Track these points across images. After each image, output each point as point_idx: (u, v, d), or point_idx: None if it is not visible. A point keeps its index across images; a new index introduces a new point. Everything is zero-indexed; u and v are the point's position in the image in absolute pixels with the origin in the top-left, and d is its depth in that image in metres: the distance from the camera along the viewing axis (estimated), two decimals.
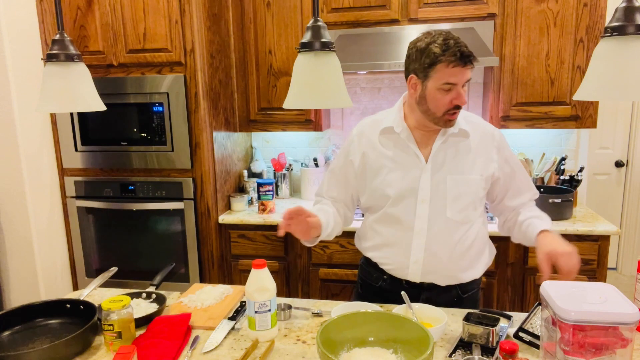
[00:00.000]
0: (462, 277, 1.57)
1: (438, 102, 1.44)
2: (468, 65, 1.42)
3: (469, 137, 1.53)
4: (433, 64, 1.41)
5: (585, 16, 2.42)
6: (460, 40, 1.42)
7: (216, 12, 2.64)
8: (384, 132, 1.57)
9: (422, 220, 1.52)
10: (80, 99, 1.40)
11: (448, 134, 1.52)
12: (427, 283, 1.56)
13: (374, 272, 1.65)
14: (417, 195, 1.52)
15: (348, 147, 1.65)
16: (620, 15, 1.04)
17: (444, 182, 1.51)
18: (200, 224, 2.63)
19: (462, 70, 1.41)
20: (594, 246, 2.35)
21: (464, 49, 1.40)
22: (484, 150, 1.54)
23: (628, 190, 4.13)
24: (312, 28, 1.17)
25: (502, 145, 1.57)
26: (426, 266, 1.54)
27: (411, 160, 1.53)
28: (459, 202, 1.51)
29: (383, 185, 1.55)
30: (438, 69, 1.41)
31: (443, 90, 1.42)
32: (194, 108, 2.51)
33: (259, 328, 1.33)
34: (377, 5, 2.59)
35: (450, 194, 1.51)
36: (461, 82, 1.43)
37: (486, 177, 1.53)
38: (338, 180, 1.68)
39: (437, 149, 1.52)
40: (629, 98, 1.03)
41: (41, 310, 1.46)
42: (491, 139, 1.56)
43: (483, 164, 1.53)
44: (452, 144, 1.53)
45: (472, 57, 1.42)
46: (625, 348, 1.05)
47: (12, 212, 2.57)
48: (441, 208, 1.51)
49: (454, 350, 1.27)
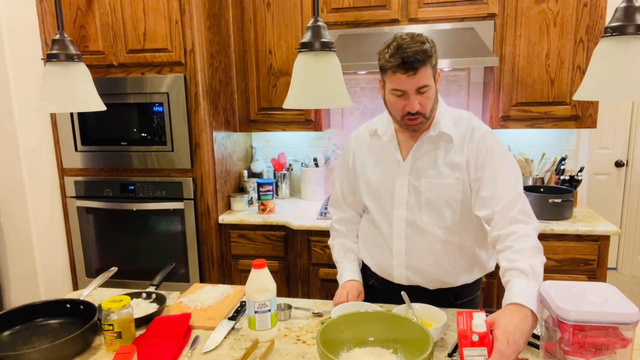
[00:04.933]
0: (450, 282, 1.55)
1: (393, 106, 1.42)
2: (410, 72, 1.32)
3: (451, 141, 1.47)
4: (383, 69, 1.40)
5: (585, 16, 2.42)
6: (414, 45, 1.31)
7: (216, 12, 2.64)
8: (372, 134, 1.59)
9: (400, 223, 1.52)
10: (80, 99, 1.40)
11: (426, 137, 1.48)
12: (415, 286, 1.56)
13: (367, 271, 1.68)
14: (393, 198, 1.52)
15: (346, 150, 1.68)
16: (620, 15, 1.04)
17: (419, 185, 1.49)
18: (200, 224, 2.63)
19: (405, 77, 1.34)
20: (594, 246, 2.35)
21: (408, 55, 1.30)
22: (460, 150, 1.47)
23: (628, 190, 4.13)
24: (312, 28, 1.17)
25: (485, 146, 1.44)
26: (410, 269, 1.54)
27: (391, 163, 1.54)
28: (434, 205, 1.48)
29: (364, 186, 1.59)
30: (387, 74, 1.38)
31: (395, 96, 1.39)
32: (194, 108, 2.51)
33: (259, 328, 1.33)
34: (377, 5, 2.59)
35: (424, 198, 1.48)
36: (410, 89, 1.35)
37: (463, 181, 1.46)
38: (346, 184, 1.69)
39: (414, 152, 1.50)
40: (629, 98, 1.03)
41: (41, 310, 1.46)
42: (469, 138, 1.46)
43: (459, 166, 1.46)
44: (430, 147, 1.49)
45: (416, 64, 1.31)
46: (625, 348, 1.05)
47: (12, 212, 2.57)
48: (417, 211, 1.50)
49: (454, 350, 1.27)
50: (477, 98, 2.89)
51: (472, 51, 2.37)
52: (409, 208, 1.51)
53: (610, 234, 2.32)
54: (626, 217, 4.17)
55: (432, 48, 1.35)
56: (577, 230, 2.33)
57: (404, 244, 1.52)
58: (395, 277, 1.57)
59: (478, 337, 1.07)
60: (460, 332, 1.09)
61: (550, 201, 2.43)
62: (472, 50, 2.38)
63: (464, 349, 1.08)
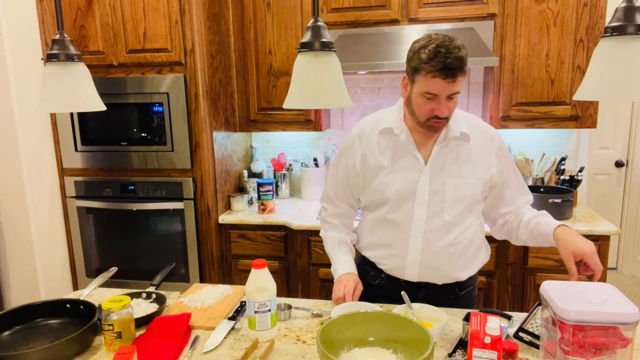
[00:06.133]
0: (458, 276, 1.57)
1: (420, 108, 1.42)
2: (449, 78, 1.33)
3: (469, 141, 1.51)
4: (417, 70, 1.38)
5: (585, 16, 2.42)
6: (455, 51, 1.32)
7: (216, 12, 2.64)
8: (383, 132, 1.56)
9: (419, 222, 1.51)
10: (80, 99, 1.40)
11: (449, 137, 1.50)
12: (424, 282, 1.57)
13: (372, 271, 1.66)
14: (415, 197, 1.51)
15: (348, 149, 1.64)
16: (620, 15, 1.04)
17: (443, 185, 1.50)
18: (200, 224, 2.63)
19: (443, 83, 1.34)
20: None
21: (450, 62, 1.31)
22: (484, 153, 1.52)
23: (628, 190, 4.13)
24: (312, 28, 1.17)
25: (502, 149, 1.55)
26: (423, 267, 1.54)
27: (410, 163, 1.52)
28: (458, 206, 1.50)
29: (381, 188, 1.55)
30: (421, 76, 1.38)
31: (425, 98, 1.39)
32: (194, 108, 2.51)
33: (259, 328, 1.33)
34: (377, 5, 2.59)
35: (449, 198, 1.50)
36: (443, 94, 1.37)
37: (485, 181, 1.52)
38: (343, 182, 1.67)
39: (437, 152, 1.51)
40: (629, 98, 1.03)
41: (41, 310, 1.46)
42: (491, 142, 1.54)
43: (483, 167, 1.52)
44: (453, 147, 1.51)
45: (456, 72, 1.32)
46: (625, 348, 1.05)
47: (12, 212, 2.57)
48: (439, 211, 1.51)
49: (454, 350, 1.27)
50: (477, 98, 2.89)
51: (472, 51, 2.37)
52: (430, 208, 1.51)
53: (610, 234, 2.32)
54: (626, 217, 4.17)
55: (467, 54, 1.36)
56: (577, 230, 2.32)
57: (421, 243, 1.52)
58: (407, 275, 1.56)
59: (490, 340, 1.07)
60: (473, 332, 1.09)
61: (550, 201, 2.43)
62: (472, 50, 2.38)
63: (474, 350, 1.08)
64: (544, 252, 2.39)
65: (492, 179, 1.53)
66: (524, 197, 1.62)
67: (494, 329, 1.08)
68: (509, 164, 1.57)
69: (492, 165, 1.52)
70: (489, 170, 1.52)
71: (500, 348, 1.08)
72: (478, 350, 1.08)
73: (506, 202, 1.60)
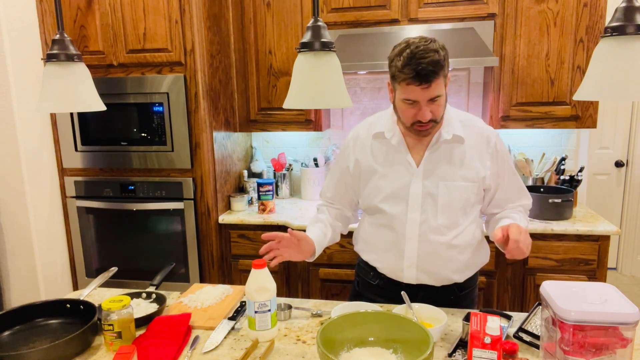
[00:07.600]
0: (456, 278, 1.57)
1: (403, 113, 1.43)
2: (424, 84, 1.32)
3: (463, 143, 1.50)
4: (394, 78, 1.39)
5: (585, 16, 2.42)
6: (430, 55, 1.29)
7: (216, 12, 2.64)
8: (376, 136, 1.56)
9: (414, 225, 1.51)
10: (80, 99, 1.40)
11: (441, 140, 1.50)
12: (423, 284, 1.57)
13: (371, 271, 1.66)
14: (408, 201, 1.51)
15: (344, 151, 1.65)
16: (620, 15, 1.04)
17: (436, 189, 1.49)
18: (200, 224, 2.63)
19: (418, 89, 1.33)
20: (594, 246, 2.35)
21: (422, 68, 1.29)
22: (478, 156, 1.51)
23: (628, 190, 4.13)
24: (312, 28, 1.17)
25: (498, 151, 1.53)
26: (420, 270, 1.54)
27: (402, 167, 1.52)
28: (451, 209, 1.50)
29: (374, 191, 1.56)
30: (397, 83, 1.38)
31: (406, 104, 1.39)
32: (194, 108, 2.51)
33: (259, 328, 1.33)
34: (377, 5, 2.59)
35: (441, 201, 1.49)
36: (422, 100, 1.36)
37: (478, 184, 1.51)
38: (337, 182, 1.68)
39: (429, 155, 1.50)
40: (629, 98, 1.03)
41: (41, 310, 1.46)
42: (486, 145, 1.51)
43: (476, 170, 1.50)
44: (446, 150, 1.50)
45: (430, 77, 1.30)
46: (625, 348, 1.05)
47: (12, 212, 2.57)
48: (432, 214, 1.50)
49: (454, 350, 1.27)
50: (477, 98, 2.89)
51: (472, 51, 2.37)
52: (423, 211, 1.50)
53: (610, 234, 2.32)
54: (626, 217, 4.17)
55: (445, 56, 1.34)
56: (577, 230, 2.33)
57: (417, 246, 1.52)
58: (405, 278, 1.56)
59: (490, 340, 1.07)
60: (473, 332, 1.09)
61: (550, 201, 2.43)
62: (472, 50, 2.38)
63: (474, 350, 1.08)
64: (544, 252, 2.39)
65: (485, 181, 1.51)
66: (521, 200, 1.61)
67: (494, 329, 1.08)
68: (506, 167, 1.55)
69: (486, 168, 1.51)
70: (482, 173, 1.50)
71: (500, 348, 1.08)
72: (478, 350, 1.08)
73: (495, 204, 1.59)
